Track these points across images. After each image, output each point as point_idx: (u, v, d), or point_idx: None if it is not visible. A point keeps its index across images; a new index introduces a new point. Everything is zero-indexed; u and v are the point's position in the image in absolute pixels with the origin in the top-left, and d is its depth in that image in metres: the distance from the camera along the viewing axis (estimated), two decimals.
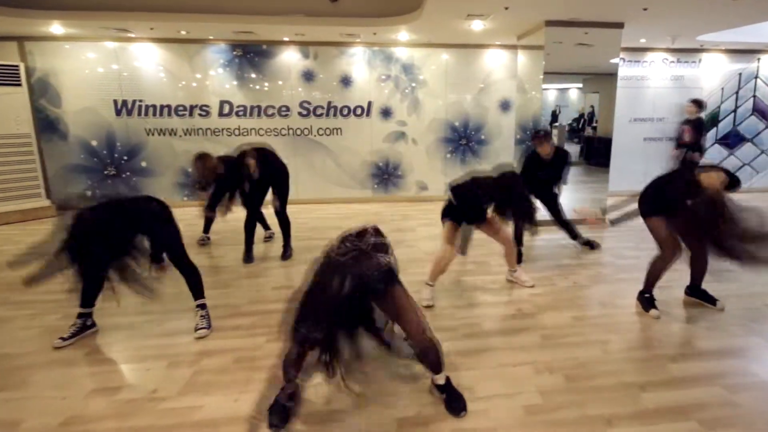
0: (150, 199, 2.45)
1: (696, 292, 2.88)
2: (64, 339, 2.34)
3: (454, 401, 1.87)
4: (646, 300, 2.82)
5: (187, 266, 2.52)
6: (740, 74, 6.34)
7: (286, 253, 3.77)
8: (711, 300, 2.82)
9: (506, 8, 4.03)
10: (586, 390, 1.99)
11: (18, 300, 2.93)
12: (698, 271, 2.79)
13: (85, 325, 2.44)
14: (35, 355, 2.27)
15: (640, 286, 3.20)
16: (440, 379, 1.89)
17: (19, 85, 4.90)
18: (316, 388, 1.90)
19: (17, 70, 4.88)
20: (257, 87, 5.65)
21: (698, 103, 5.26)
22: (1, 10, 3.97)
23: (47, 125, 5.30)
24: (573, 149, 8.19)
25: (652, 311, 2.77)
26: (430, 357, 1.84)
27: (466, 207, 2.81)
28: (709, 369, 2.16)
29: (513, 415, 1.84)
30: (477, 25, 4.64)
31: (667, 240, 2.66)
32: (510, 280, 3.25)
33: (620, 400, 1.92)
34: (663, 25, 4.76)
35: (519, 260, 3.52)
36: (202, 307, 2.55)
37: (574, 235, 3.99)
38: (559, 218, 3.92)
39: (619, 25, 4.65)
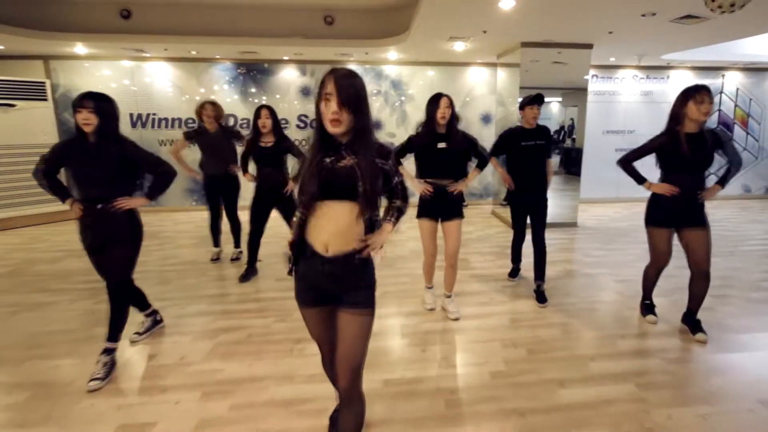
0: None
1: (689, 320, 2.71)
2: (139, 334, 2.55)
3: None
4: (645, 306, 2.90)
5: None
6: None
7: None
8: (696, 329, 2.65)
9: (484, 32, 4.52)
10: (544, 360, 2.38)
11: (56, 288, 3.36)
12: (696, 294, 2.66)
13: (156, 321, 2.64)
14: (79, 332, 2.68)
15: (602, 280, 3.60)
16: None
17: (45, 99, 5.35)
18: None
19: (43, 86, 5.34)
20: (259, 101, 6.11)
21: None
22: (31, 32, 4.41)
23: (70, 136, 5.71)
24: (554, 160, 8.71)
25: (649, 317, 2.84)
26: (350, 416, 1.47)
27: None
28: (652, 345, 2.53)
29: (480, 379, 2.22)
30: (459, 46, 5.13)
31: (659, 252, 2.70)
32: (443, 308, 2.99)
33: (572, 368, 2.30)
34: (628, 46, 5.27)
35: (514, 275, 3.57)
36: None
37: (538, 276, 3.23)
38: (539, 252, 3.19)
39: (588, 46, 5.15)
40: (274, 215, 3.52)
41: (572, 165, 6.65)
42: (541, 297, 3.16)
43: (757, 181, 7.24)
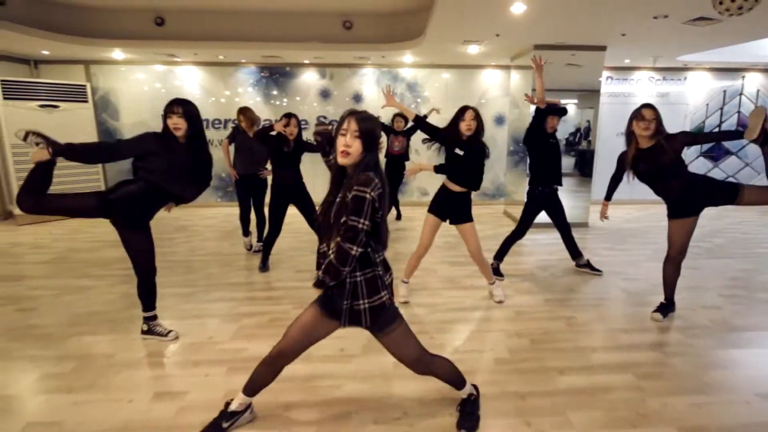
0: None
1: None
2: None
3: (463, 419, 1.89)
4: (660, 304, 2.94)
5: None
6: (725, 91, 6.80)
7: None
8: None
9: (497, 35, 4.64)
10: (546, 350, 2.50)
11: (97, 274, 3.66)
12: None
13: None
14: (118, 312, 2.95)
15: (610, 278, 3.63)
16: (462, 394, 1.94)
17: (86, 101, 5.77)
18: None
19: (84, 89, 5.75)
20: (281, 103, 6.38)
21: None
22: (74, 39, 4.77)
23: (108, 136, 6.18)
24: (568, 162, 8.72)
25: (655, 314, 2.88)
26: (441, 376, 1.87)
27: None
28: (653, 339, 2.61)
29: (485, 364, 2.36)
30: (473, 49, 5.26)
31: (668, 242, 2.81)
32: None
33: (573, 358, 2.41)
34: (642, 48, 5.29)
35: (498, 273, 3.59)
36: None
37: (575, 254, 3.83)
38: (564, 230, 3.77)
39: (602, 48, 5.19)
40: (292, 211, 3.74)
41: (586, 167, 6.67)
42: (594, 267, 3.74)
43: None
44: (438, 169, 2.89)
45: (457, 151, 2.84)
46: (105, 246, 4.52)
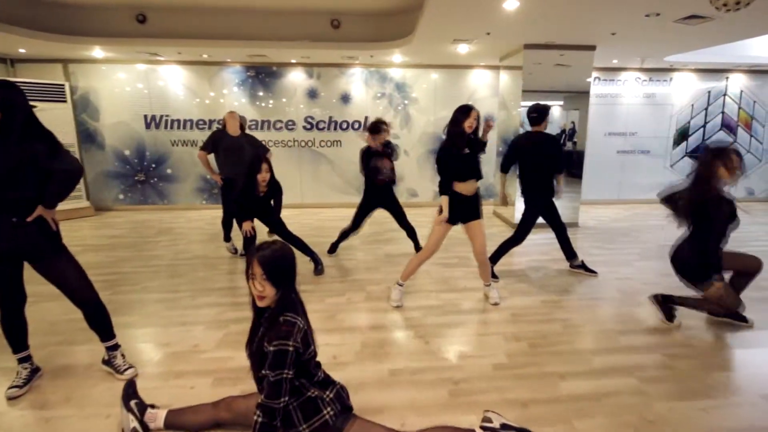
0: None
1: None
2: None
3: None
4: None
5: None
6: (709, 92, 6.90)
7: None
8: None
9: (488, 33, 4.59)
10: (545, 354, 2.43)
11: None
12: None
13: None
14: None
15: (602, 278, 3.56)
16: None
17: (64, 101, 5.57)
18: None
19: (63, 88, 5.54)
20: (267, 104, 6.25)
21: None
22: (51, 36, 4.58)
23: (87, 136, 5.97)
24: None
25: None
26: None
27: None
28: (653, 341, 2.57)
29: (483, 370, 2.27)
30: (462, 48, 5.22)
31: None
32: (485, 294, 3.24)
33: (574, 361, 2.35)
34: (631, 48, 5.30)
35: (492, 276, 3.47)
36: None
37: (570, 255, 3.79)
38: (559, 231, 3.71)
39: (591, 48, 5.19)
40: None
41: (572, 167, 6.69)
42: (589, 267, 3.73)
43: (760, 183, 7.23)
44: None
45: (465, 151, 2.86)
46: (84, 250, 4.32)
